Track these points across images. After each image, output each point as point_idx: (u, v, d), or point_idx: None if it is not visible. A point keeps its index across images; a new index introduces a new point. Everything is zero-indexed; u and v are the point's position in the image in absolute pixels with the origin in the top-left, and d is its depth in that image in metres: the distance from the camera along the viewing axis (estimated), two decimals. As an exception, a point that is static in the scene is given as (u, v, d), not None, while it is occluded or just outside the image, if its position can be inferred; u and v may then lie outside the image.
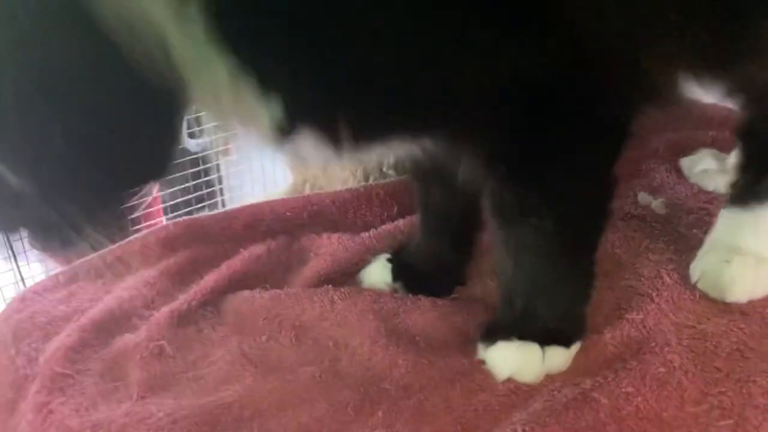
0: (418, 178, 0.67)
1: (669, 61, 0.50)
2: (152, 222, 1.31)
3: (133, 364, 0.62)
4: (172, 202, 1.36)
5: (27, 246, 1.28)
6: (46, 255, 1.27)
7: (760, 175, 0.63)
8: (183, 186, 1.38)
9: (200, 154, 1.46)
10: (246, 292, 0.68)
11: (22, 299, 0.73)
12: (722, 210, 0.66)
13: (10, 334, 0.68)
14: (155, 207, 1.33)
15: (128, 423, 0.55)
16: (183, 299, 0.67)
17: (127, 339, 0.64)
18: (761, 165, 0.64)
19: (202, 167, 1.44)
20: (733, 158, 0.74)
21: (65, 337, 0.65)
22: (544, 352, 0.56)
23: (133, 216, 1.27)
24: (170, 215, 1.37)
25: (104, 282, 0.73)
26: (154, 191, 1.32)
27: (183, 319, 0.66)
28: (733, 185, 0.67)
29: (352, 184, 0.83)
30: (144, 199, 1.29)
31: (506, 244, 0.55)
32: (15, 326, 0.69)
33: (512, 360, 0.57)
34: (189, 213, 1.37)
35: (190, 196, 1.38)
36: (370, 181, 0.82)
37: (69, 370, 0.62)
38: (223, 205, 1.52)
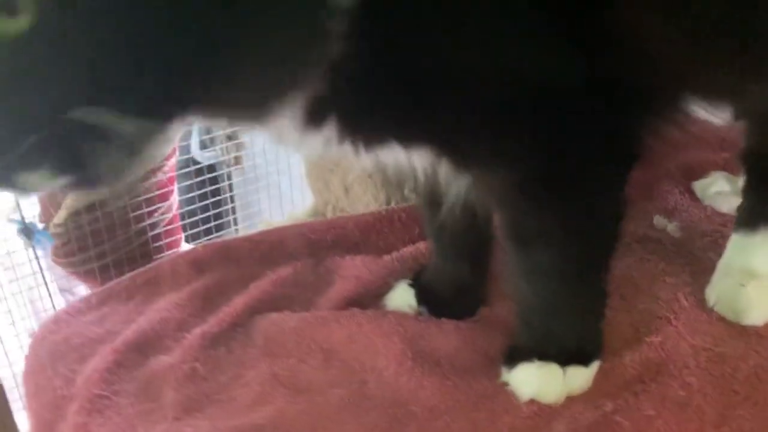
0: (429, 203, 0.67)
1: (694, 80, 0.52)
2: (172, 239, 1.33)
3: (168, 386, 0.64)
4: (190, 220, 1.39)
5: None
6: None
7: (766, 197, 0.65)
8: (202, 204, 1.41)
9: (217, 173, 1.48)
10: (275, 315, 0.70)
11: (56, 321, 0.76)
12: (732, 234, 0.68)
13: (47, 356, 0.70)
14: (175, 224, 1.35)
15: (165, 444, 0.57)
16: (214, 321, 0.70)
17: (161, 360, 0.66)
18: (767, 188, 0.66)
19: (221, 184, 1.47)
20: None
21: (101, 358, 0.67)
22: (564, 371, 0.58)
23: (154, 233, 1.30)
24: (189, 232, 1.40)
25: (135, 304, 0.76)
26: (174, 208, 1.35)
27: (214, 341, 0.68)
28: (740, 209, 0.68)
29: (374, 207, 0.85)
30: (164, 216, 1.32)
31: (522, 266, 0.57)
32: (51, 348, 0.71)
33: (534, 381, 0.58)
34: (208, 231, 1.40)
35: (209, 213, 1.41)
36: (392, 205, 0.84)
37: (106, 392, 0.64)
38: (236, 224, 1.55)
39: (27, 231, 1.13)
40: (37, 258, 1.20)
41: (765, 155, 0.66)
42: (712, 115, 0.77)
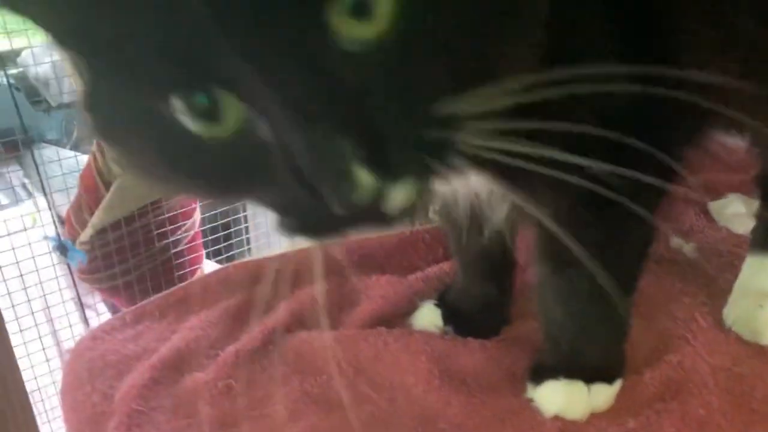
0: (455, 224, 0.68)
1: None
2: (194, 255, 1.36)
3: (204, 402, 0.66)
4: (212, 237, 1.42)
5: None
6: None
7: None
8: (223, 221, 1.44)
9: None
10: (304, 333, 0.72)
11: (93, 338, 0.78)
12: (747, 256, 0.70)
13: (85, 373, 0.73)
14: (197, 241, 1.38)
15: (204, 458, 0.60)
16: (246, 339, 0.72)
17: (197, 377, 0.69)
18: None
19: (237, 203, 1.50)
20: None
21: (138, 375, 0.70)
22: (589, 389, 0.60)
23: (176, 250, 1.33)
24: (210, 249, 1.43)
25: (169, 322, 0.78)
26: (197, 226, 1.38)
27: (247, 359, 0.70)
28: (755, 231, 0.70)
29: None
30: (187, 234, 1.35)
31: (557, 288, 0.58)
32: (88, 364, 0.74)
33: (559, 398, 0.60)
34: (228, 248, 1.43)
35: (230, 230, 1.44)
36: (416, 226, 0.87)
37: (143, 407, 0.67)
38: (248, 243, 1.58)
39: (62, 248, 1.17)
40: (71, 273, 1.23)
41: None
42: (730, 138, 0.79)
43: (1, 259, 1.29)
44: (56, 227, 1.22)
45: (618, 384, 0.62)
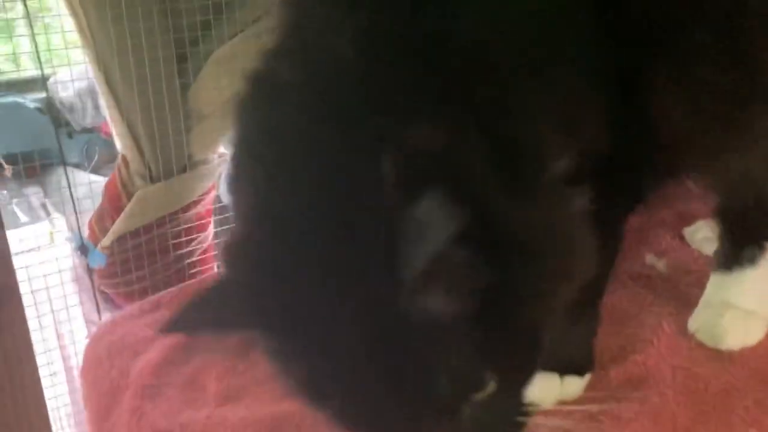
0: None
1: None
2: (207, 266, 1.44)
3: (211, 379, 0.73)
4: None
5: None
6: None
7: (738, 246, 0.75)
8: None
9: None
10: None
11: (113, 323, 0.86)
12: (711, 273, 0.77)
13: (105, 352, 0.80)
14: (210, 253, 1.46)
15: (208, 424, 0.67)
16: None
17: (205, 358, 0.76)
18: (737, 238, 0.75)
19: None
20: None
21: (152, 354, 0.77)
22: (562, 380, 0.67)
23: (190, 260, 1.40)
24: (221, 262, 1.51)
25: (183, 310, 0.86)
26: (209, 239, 1.46)
27: (251, 342, 0.77)
28: (716, 253, 0.77)
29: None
30: (200, 246, 1.42)
31: None
32: (108, 345, 0.81)
33: (535, 388, 0.67)
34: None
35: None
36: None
37: (156, 382, 0.74)
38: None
39: (83, 249, 1.24)
40: (90, 273, 1.30)
41: (734, 210, 0.76)
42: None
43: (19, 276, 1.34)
44: (78, 228, 1.29)
45: (587, 377, 0.68)
